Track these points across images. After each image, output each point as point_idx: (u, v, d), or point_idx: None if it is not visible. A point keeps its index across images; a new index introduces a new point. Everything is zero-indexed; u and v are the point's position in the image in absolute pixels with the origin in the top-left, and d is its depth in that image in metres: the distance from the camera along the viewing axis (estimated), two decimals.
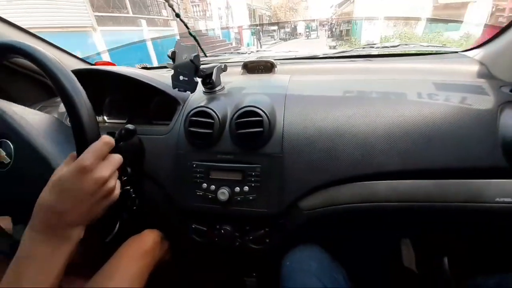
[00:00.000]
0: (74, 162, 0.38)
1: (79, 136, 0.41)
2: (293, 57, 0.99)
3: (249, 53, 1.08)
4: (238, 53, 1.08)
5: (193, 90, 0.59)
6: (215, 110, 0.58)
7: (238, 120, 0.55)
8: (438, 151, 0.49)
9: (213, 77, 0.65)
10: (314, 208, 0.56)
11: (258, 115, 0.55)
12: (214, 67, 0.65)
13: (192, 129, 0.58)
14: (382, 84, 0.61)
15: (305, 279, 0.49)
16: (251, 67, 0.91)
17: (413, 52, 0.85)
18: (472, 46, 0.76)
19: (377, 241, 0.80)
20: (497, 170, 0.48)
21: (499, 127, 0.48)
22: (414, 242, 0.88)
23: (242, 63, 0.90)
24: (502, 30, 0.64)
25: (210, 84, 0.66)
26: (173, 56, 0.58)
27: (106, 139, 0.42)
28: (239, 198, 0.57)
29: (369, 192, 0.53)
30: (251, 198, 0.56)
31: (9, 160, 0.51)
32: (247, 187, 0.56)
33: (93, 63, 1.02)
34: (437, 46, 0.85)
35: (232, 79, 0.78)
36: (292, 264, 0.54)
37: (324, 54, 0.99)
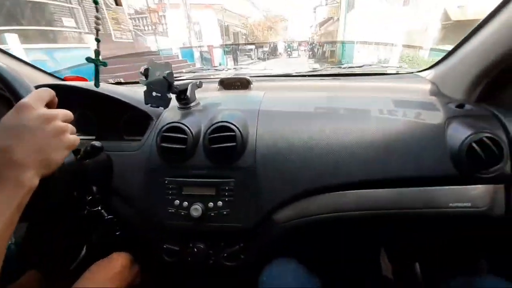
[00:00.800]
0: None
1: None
2: (268, 74, 1.03)
3: (226, 70, 1.11)
4: (216, 69, 1.11)
5: (166, 106, 0.59)
6: (188, 126, 0.58)
7: (211, 135, 0.56)
8: (396, 162, 0.54)
9: (188, 93, 0.66)
10: (287, 221, 0.57)
11: (231, 130, 0.56)
12: (188, 83, 0.66)
13: (164, 144, 0.57)
14: (349, 101, 0.66)
15: None
16: (227, 84, 0.93)
17: (376, 72, 0.93)
18: (425, 67, 0.85)
19: (354, 252, 0.82)
20: (449, 178, 0.53)
21: (447, 139, 0.54)
22: (388, 251, 0.92)
23: (219, 79, 0.93)
24: (449, 53, 0.72)
25: (185, 100, 0.67)
26: (145, 73, 0.58)
27: (45, 88, 0.39)
28: (212, 214, 0.56)
29: (338, 202, 0.56)
30: (225, 213, 0.56)
31: None
32: (220, 202, 0.56)
33: (63, 77, 0.99)
34: (395, 67, 0.95)
35: (208, 95, 0.79)
36: (269, 280, 0.53)
37: (297, 73, 1.05)
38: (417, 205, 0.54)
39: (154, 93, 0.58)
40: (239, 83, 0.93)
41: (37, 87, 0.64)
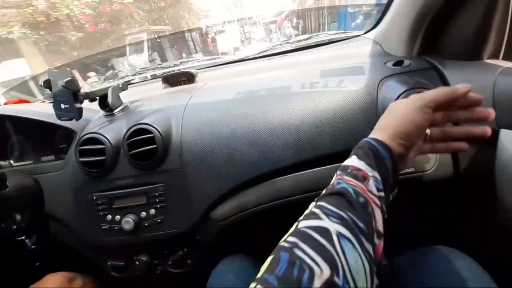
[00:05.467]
0: None
1: None
2: (214, 64, 0.97)
3: (172, 66, 1.05)
4: (162, 67, 1.06)
5: (78, 117, 0.54)
6: (104, 135, 0.54)
7: (129, 140, 0.52)
8: (328, 137, 0.49)
9: (109, 99, 0.61)
10: (226, 218, 0.53)
11: (149, 132, 0.52)
12: (108, 88, 0.61)
13: (82, 159, 0.53)
14: (268, 81, 0.61)
15: None
16: (172, 81, 0.88)
17: (323, 41, 0.87)
18: (371, 27, 0.78)
19: None
20: None
21: (378, 103, 0.49)
22: None
23: (162, 77, 0.88)
24: (386, 6, 0.65)
25: (108, 107, 0.62)
26: (47, 85, 0.53)
27: None
28: (146, 224, 0.53)
29: (275, 189, 0.52)
30: (159, 220, 0.53)
31: None
32: (153, 209, 0.53)
33: (3, 103, 0.94)
34: (343, 33, 0.88)
35: (144, 96, 0.75)
36: (212, 280, 0.50)
37: (246, 56, 0.99)
38: None
39: (62, 105, 0.54)
40: (185, 78, 0.87)
41: None
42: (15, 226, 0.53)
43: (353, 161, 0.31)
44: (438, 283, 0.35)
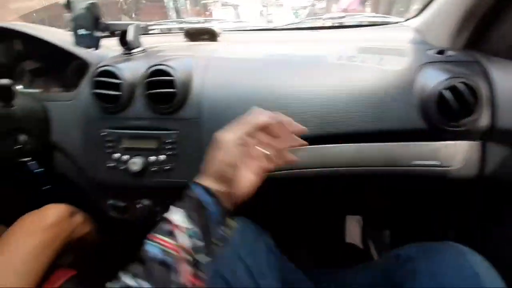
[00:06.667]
0: None
1: None
2: (241, 28, 0.92)
3: (195, 22, 0.99)
4: (186, 22, 1.00)
5: (96, 46, 0.51)
6: (122, 70, 0.51)
7: (148, 79, 0.49)
8: (356, 114, 0.47)
9: (129, 36, 0.57)
10: None
11: (169, 74, 0.49)
12: (129, 24, 0.58)
13: (97, 91, 0.51)
14: (303, 50, 0.58)
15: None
16: (193, 34, 0.83)
17: (357, 23, 0.82)
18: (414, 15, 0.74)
19: (317, 217, 0.79)
20: (415, 132, 0.47)
21: (416, 88, 0.46)
22: (365, 218, 0.88)
23: (185, 31, 0.83)
24: None
25: (126, 45, 0.58)
26: (68, 6, 0.49)
27: None
28: (154, 168, 0.51)
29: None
30: (167, 168, 0.51)
31: None
32: (163, 155, 0.51)
33: None
34: (382, 17, 0.83)
35: (165, 45, 0.71)
36: None
37: (274, 26, 0.94)
38: (377, 162, 0.48)
39: (81, 31, 0.50)
40: (207, 35, 0.83)
41: None
42: (17, 146, 0.51)
43: (171, 213, 0.30)
44: (451, 274, 0.35)
